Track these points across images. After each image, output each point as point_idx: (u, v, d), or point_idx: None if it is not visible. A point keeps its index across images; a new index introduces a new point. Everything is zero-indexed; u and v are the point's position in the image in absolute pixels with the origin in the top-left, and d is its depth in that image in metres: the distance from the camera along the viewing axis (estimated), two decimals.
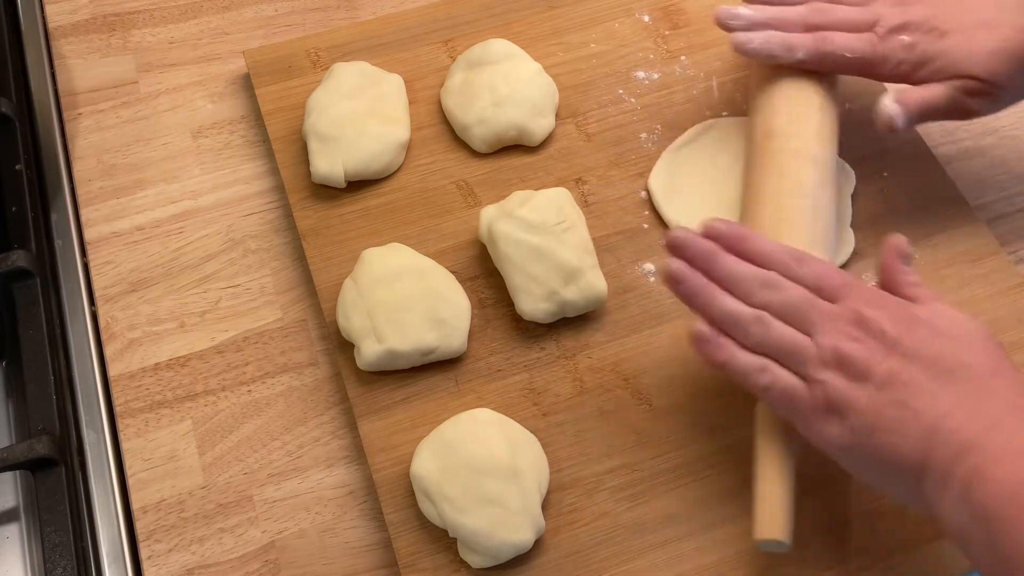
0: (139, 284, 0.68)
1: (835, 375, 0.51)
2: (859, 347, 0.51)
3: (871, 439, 0.49)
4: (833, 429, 0.51)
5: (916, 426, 0.48)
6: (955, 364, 0.49)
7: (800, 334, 0.53)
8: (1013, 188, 0.74)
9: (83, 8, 0.80)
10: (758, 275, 0.54)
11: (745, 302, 0.54)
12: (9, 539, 0.63)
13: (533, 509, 0.57)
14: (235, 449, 0.62)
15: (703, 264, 0.56)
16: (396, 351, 0.61)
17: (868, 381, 0.50)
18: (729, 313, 0.54)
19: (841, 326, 0.52)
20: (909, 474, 0.49)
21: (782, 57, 0.65)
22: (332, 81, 0.72)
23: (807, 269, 0.54)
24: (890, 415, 0.49)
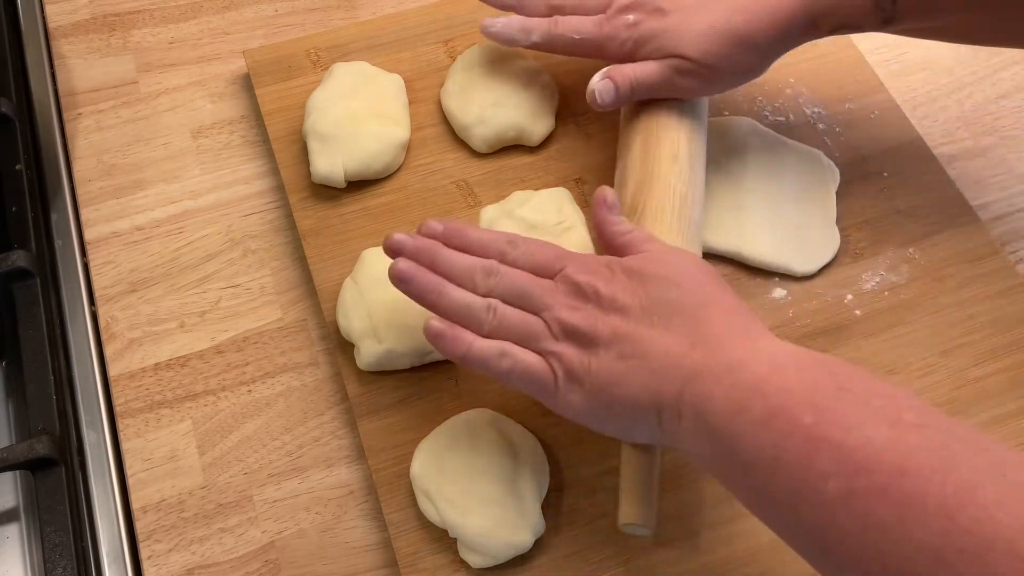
0: (139, 284, 0.68)
1: (567, 346, 0.52)
2: (580, 315, 0.52)
3: (606, 395, 0.51)
4: (574, 397, 0.52)
5: (642, 370, 0.50)
6: (668, 305, 0.51)
7: (529, 315, 0.54)
8: (1013, 188, 0.74)
9: (83, 8, 0.80)
10: (477, 263, 0.55)
11: (473, 292, 0.55)
12: (9, 539, 0.63)
13: (533, 509, 0.57)
14: (235, 449, 0.62)
15: (426, 261, 0.56)
16: (396, 351, 0.61)
17: (596, 344, 0.51)
18: (460, 304, 0.54)
19: (561, 298, 0.53)
20: (647, 416, 0.50)
21: (519, 40, 0.67)
22: (332, 81, 0.72)
23: (521, 251, 0.56)
24: (619, 368, 0.50)
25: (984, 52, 0.81)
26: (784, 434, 0.43)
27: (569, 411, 0.53)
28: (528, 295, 0.54)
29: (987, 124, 0.77)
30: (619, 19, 0.64)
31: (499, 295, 0.54)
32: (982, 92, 0.79)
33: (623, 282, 0.53)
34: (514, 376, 0.53)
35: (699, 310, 0.51)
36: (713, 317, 0.51)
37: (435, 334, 0.54)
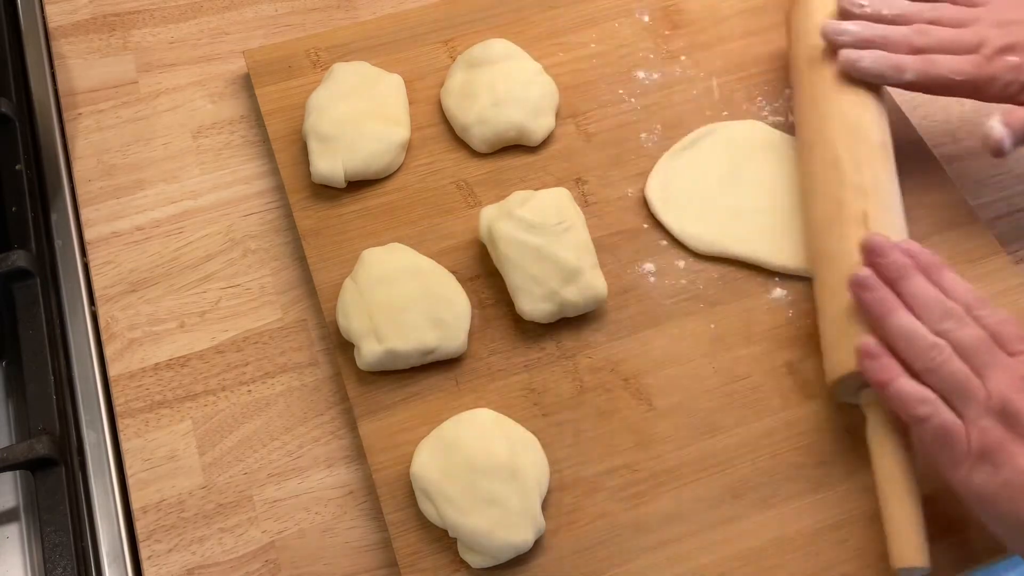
0: (139, 284, 0.68)
1: (996, 424, 0.50)
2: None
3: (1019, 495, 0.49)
4: (981, 477, 0.50)
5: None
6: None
7: (972, 374, 0.52)
8: (1013, 188, 0.74)
9: (83, 8, 0.80)
10: (943, 304, 0.54)
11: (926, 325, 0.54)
12: (9, 539, 0.63)
13: (533, 509, 0.57)
14: (235, 449, 0.62)
15: (893, 276, 0.56)
16: (396, 351, 0.61)
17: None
18: (908, 330, 0.54)
19: (1014, 378, 0.51)
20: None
21: (891, 78, 0.65)
22: (332, 81, 0.72)
23: (987, 313, 0.54)
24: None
25: None
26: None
27: (964, 487, 0.51)
28: (982, 356, 0.52)
29: None
30: (1000, 61, 0.63)
31: (952, 341, 0.53)
32: None
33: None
34: (927, 427, 0.52)
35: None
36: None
37: (867, 353, 0.54)
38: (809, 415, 0.62)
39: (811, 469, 0.61)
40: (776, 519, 0.59)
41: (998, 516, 0.51)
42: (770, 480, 0.60)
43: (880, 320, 0.55)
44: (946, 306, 0.54)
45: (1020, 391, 0.51)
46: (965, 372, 0.52)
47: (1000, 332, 0.54)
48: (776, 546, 0.58)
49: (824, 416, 0.62)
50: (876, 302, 0.55)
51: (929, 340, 0.53)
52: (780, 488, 0.60)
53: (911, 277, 0.56)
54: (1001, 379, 0.51)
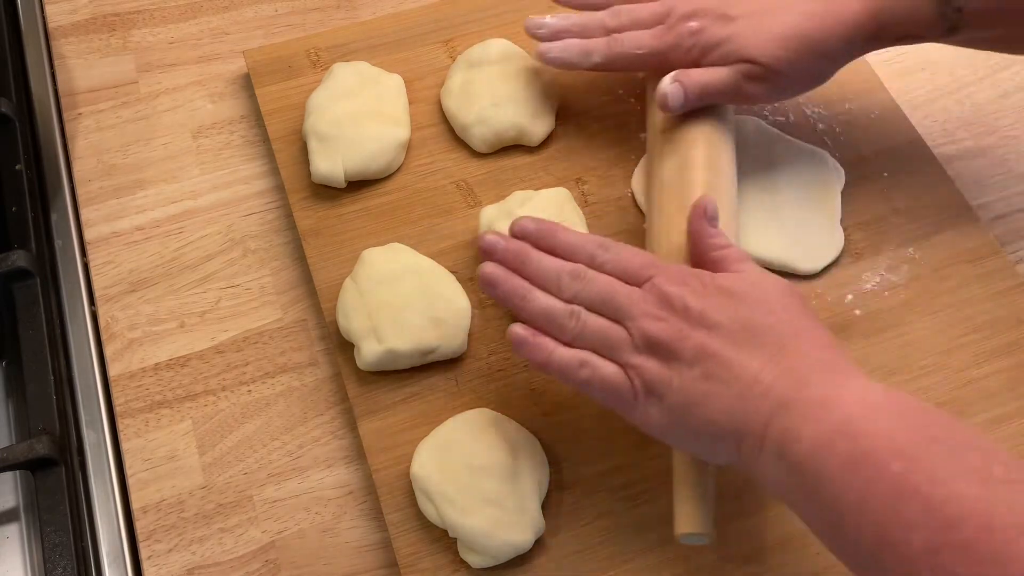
0: (139, 284, 0.68)
1: (648, 359, 0.51)
2: (665, 327, 0.51)
3: (687, 415, 0.50)
4: (653, 411, 0.51)
5: (727, 395, 0.49)
6: (758, 329, 0.50)
7: (612, 323, 0.53)
8: (1013, 188, 0.74)
9: (83, 8, 0.80)
10: (565, 268, 0.55)
11: (558, 297, 0.55)
12: (9, 539, 0.63)
13: (533, 509, 0.57)
14: (235, 449, 0.62)
15: (515, 264, 0.56)
16: (396, 351, 0.61)
17: (679, 360, 0.50)
18: (543, 310, 0.54)
19: (647, 308, 0.52)
20: (727, 441, 0.49)
21: (580, 63, 0.67)
22: (332, 81, 0.72)
23: (610, 255, 0.55)
24: (702, 389, 0.50)
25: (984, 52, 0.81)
26: (870, 480, 0.43)
27: (647, 426, 0.52)
28: (613, 302, 0.53)
29: (987, 124, 0.77)
30: (681, 27, 0.64)
31: (583, 301, 0.54)
32: (982, 92, 0.79)
33: (714, 298, 0.51)
34: (593, 387, 0.53)
35: (791, 340, 0.50)
36: (805, 349, 0.50)
37: (518, 341, 0.54)
38: None
39: None
40: (776, 519, 0.59)
41: (679, 438, 0.52)
42: None
43: (518, 310, 0.55)
44: (567, 269, 0.55)
45: (653, 319, 0.52)
46: (604, 324, 0.53)
47: (625, 270, 0.54)
48: (776, 546, 0.58)
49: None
50: (508, 294, 0.55)
51: (563, 310, 0.54)
52: None
53: (528, 258, 0.56)
54: (635, 314, 0.52)
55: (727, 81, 0.62)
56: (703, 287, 0.52)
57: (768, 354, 0.49)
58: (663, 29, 0.65)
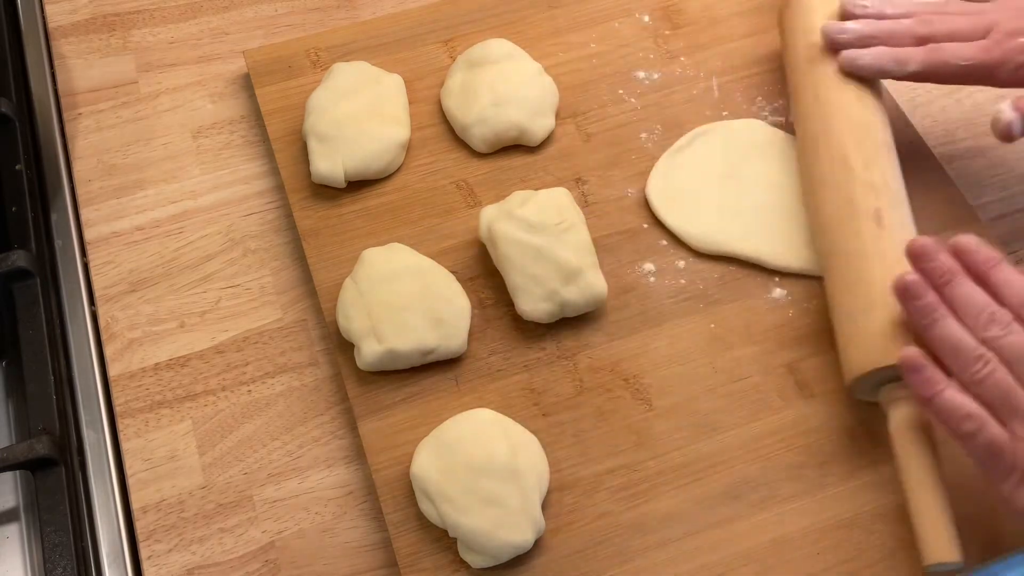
0: (139, 284, 0.68)
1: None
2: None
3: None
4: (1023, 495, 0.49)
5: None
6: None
7: (1017, 386, 0.50)
8: (1013, 188, 0.74)
9: (83, 8, 0.80)
10: (990, 308, 0.52)
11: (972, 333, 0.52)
12: (9, 539, 0.63)
13: (533, 509, 0.57)
14: (235, 449, 0.62)
15: (940, 281, 0.54)
16: (396, 351, 0.61)
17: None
18: (953, 340, 0.52)
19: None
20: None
21: (894, 72, 0.64)
22: (332, 81, 0.72)
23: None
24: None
25: None
26: None
27: (1010, 503, 0.50)
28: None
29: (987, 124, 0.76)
30: (1010, 43, 0.61)
31: (999, 349, 0.51)
32: (982, 92, 0.79)
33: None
34: (974, 443, 0.50)
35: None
36: None
37: (911, 366, 0.52)
38: (809, 415, 0.62)
39: (811, 469, 0.61)
40: (776, 519, 0.59)
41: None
42: (770, 480, 0.60)
43: (925, 330, 0.53)
44: (992, 311, 0.52)
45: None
46: (1009, 384, 0.50)
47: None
48: (776, 546, 0.58)
49: (824, 416, 0.62)
50: (921, 310, 0.53)
51: (974, 351, 0.51)
52: (780, 488, 0.60)
53: (958, 281, 0.53)
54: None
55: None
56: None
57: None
58: (989, 43, 0.62)
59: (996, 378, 0.50)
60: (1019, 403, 0.50)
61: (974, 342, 0.52)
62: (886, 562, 0.58)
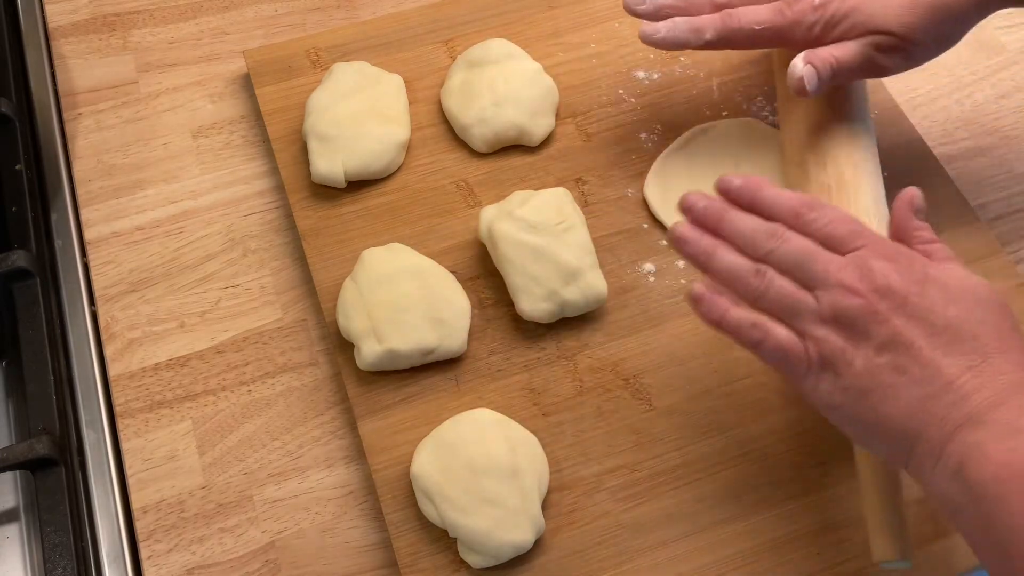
0: (139, 284, 0.68)
1: (832, 332, 0.49)
2: (861, 303, 0.48)
3: (863, 402, 0.48)
4: (824, 386, 0.49)
5: (913, 393, 0.46)
6: (962, 333, 0.47)
7: (800, 289, 0.51)
8: (1013, 188, 0.74)
9: (83, 8, 0.80)
10: (761, 226, 0.53)
11: (750, 257, 0.53)
12: (9, 539, 0.63)
13: (533, 509, 0.57)
14: (235, 449, 0.62)
15: (712, 224, 0.54)
16: (396, 351, 0.61)
17: (867, 341, 0.48)
18: (729, 267, 0.53)
19: (845, 278, 0.49)
20: (899, 442, 0.47)
21: (690, 42, 0.63)
22: (332, 81, 0.72)
23: (816, 216, 0.52)
24: (887, 380, 0.47)
25: (984, 52, 0.81)
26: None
27: (814, 399, 0.50)
28: (807, 267, 0.50)
29: (987, 124, 0.77)
30: (803, 3, 0.61)
31: (775, 262, 0.52)
32: (982, 92, 0.79)
33: (923, 286, 0.48)
34: (764, 349, 0.51)
35: (997, 355, 0.46)
36: (1008, 366, 0.46)
37: (695, 297, 0.53)
38: (809, 415, 0.62)
39: (811, 469, 0.61)
40: (776, 519, 0.59)
41: (845, 420, 0.50)
42: (770, 480, 0.60)
43: (704, 268, 0.54)
44: (764, 228, 0.52)
45: (849, 292, 0.49)
46: (790, 287, 0.51)
47: (830, 234, 0.51)
48: (776, 546, 0.58)
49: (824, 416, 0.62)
50: (694, 253, 0.54)
51: (749, 268, 0.52)
52: (780, 488, 0.60)
53: (728, 216, 0.54)
54: (829, 284, 0.49)
55: (859, 56, 0.60)
56: (913, 269, 0.49)
57: (968, 363, 0.46)
58: (782, 4, 0.62)
59: (776, 287, 0.51)
60: (801, 304, 0.50)
61: (749, 263, 0.52)
62: None
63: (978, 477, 0.44)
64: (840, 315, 0.49)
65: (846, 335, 0.49)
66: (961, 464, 0.44)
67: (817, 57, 0.60)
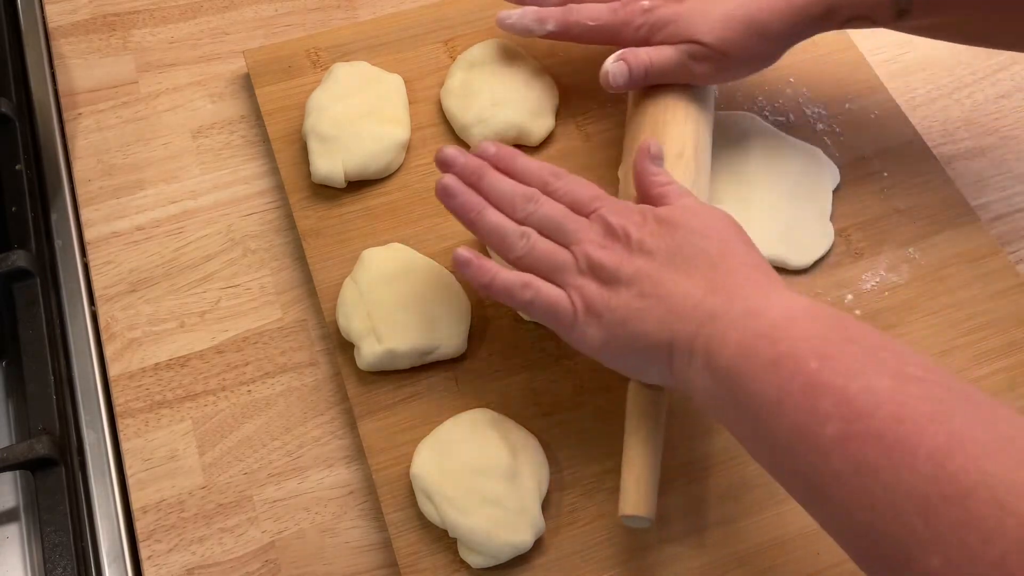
0: (139, 284, 0.68)
1: (590, 281, 0.54)
2: (607, 253, 0.54)
3: (622, 330, 0.52)
4: (591, 331, 0.53)
5: (660, 309, 0.51)
6: (693, 252, 0.53)
7: (559, 247, 0.55)
8: (1013, 188, 0.74)
9: (83, 8, 0.80)
10: (519, 189, 0.57)
11: (510, 218, 0.57)
12: (9, 539, 0.63)
13: (533, 509, 0.57)
14: (235, 449, 0.62)
15: (472, 180, 0.58)
16: (396, 351, 0.61)
17: (618, 282, 0.53)
18: (496, 227, 0.56)
19: (592, 235, 0.55)
20: (659, 355, 0.51)
21: (535, 29, 0.68)
22: (332, 81, 0.72)
23: (561, 184, 0.58)
24: (637, 305, 0.52)
25: (984, 52, 0.81)
26: (789, 378, 0.44)
27: (584, 344, 0.54)
28: (561, 228, 0.56)
29: (987, 124, 0.77)
30: (635, 5, 0.65)
31: (534, 223, 0.56)
32: (982, 92, 0.79)
33: (653, 228, 0.54)
34: (535, 307, 0.55)
35: (722, 260, 0.52)
36: (735, 268, 0.52)
37: (462, 262, 0.56)
38: None
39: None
40: (776, 519, 0.59)
41: (614, 355, 0.54)
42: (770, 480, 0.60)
43: (471, 225, 0.57)
44: (521, 191, 0.57)
45: (597, 245, 0.54)
46: (551, 247, 0.55)
47: (575, 199, 0.57)
48: (776, 546, 0.58)
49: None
50: (463, 206, 0.57)
51: (515, 229, 0.56)
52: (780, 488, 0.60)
53: (487, 174, 0.58)
54: (581, 240, 0.55)
55: (673, 61, 0.63)
56: (643, 218, 0.55)
57: (701, 273, 0.52)
58: (618, 5, 0.66)
59: (539, 248, 0.56)
60: (562, 260, 0.55)
61: (514, 224, 0.56)
62: None
63: (721, 362, 0.48)
64: (594, 265, 0.54)
65: (602, 282, 0.54)
66: (707, 357, 0.49)
67: (633, 55, 0.64)
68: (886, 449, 0.40)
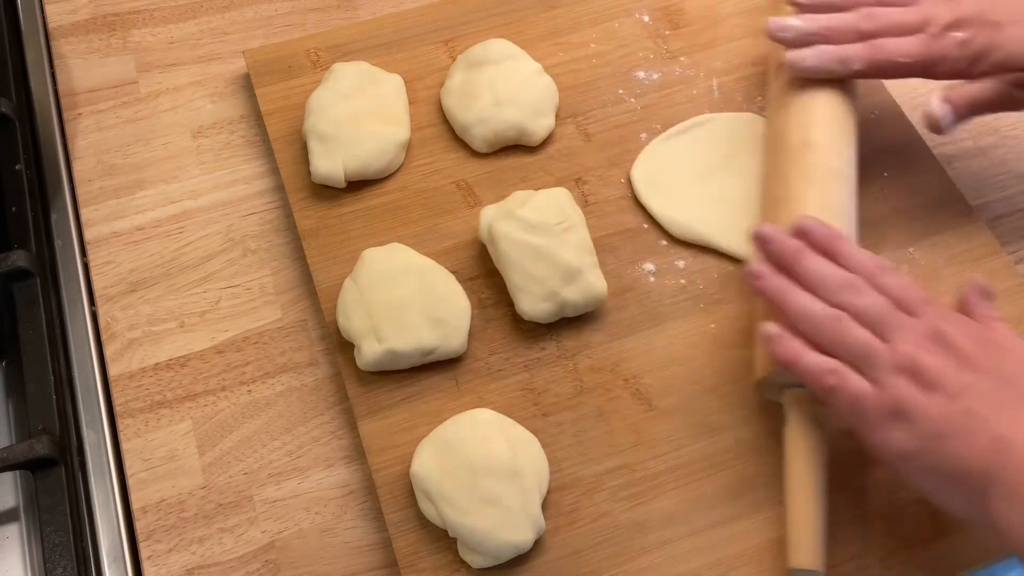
0: (139, 284, 0.68)
1: (906, 381, 0.51)
2: (934, 358, 0.51)
3: (937, 445, 0.49)
4: (898, 435, 0.50)
5: (985, 434, 0.48)
6: None
7: (876, 338, 0.53)
8: (1013, 188, 0.74)
9: (83, 8, 0.80)
10: (840, 276, 0.55)
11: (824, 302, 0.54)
12: (9, 539, 0.63)
13: (533, 509, 0.57)
14: (235, 449, 0.62)
15: (787, 262, 0.56)
16: (396, 351, 0.61)
17: (939, 391, 0.50)
18: (806, 310, 0.54)
19: (918, 337, 0.52)
20: (973, 484, 0.48)
21: (837, 71, 0.64)
22: (332, 81, 0.72)
23: (890, 279, 0.55)
24: (959, 422, 0.49)
25: None
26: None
27: (885, 448, 0.51)
28: (884, 321, 0.53)
29: (987, 124, 0.77)
30: (947, 38, 0.62)
31: (853, 311, 0.53)
32: None
33: (986, 346, 0.52)
34: (839, 395, 0.52)
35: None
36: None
37: (770, 337, 0.55)
38: None
39: None
40: (776, 519, 0.59)
41: (918, 468, 0.51)
42: (770, 480, 0.60)
43: (779, 306, 0.55)
44: (842, 278, 0.55)
45: (923, 348, 0.51)
46: (867, 337, 0.53)
47: (903, 297, 0.54)
48: (776, 546, 0.58)
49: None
50: (771, 289, 0.56)
51: (828, 313, 0.54)
52: (780, 488, 0.60)
53: (803, 257, 0.56)
54: (905, 338, 0.52)
55: (997, 93, 0.63)
56: (977, 333, 0.52)
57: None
58: (928, 38, 0.63)
59: (853, 334, 0.53)
60: (877, 353, 0.52)
61: (827, 307, 0.54)
62: (886, 561, 0.58)
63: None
64: (915, 365, 0.51)
65: (920, 385, 0.51)
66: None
67: (955, 96, 0.63)
68: None
